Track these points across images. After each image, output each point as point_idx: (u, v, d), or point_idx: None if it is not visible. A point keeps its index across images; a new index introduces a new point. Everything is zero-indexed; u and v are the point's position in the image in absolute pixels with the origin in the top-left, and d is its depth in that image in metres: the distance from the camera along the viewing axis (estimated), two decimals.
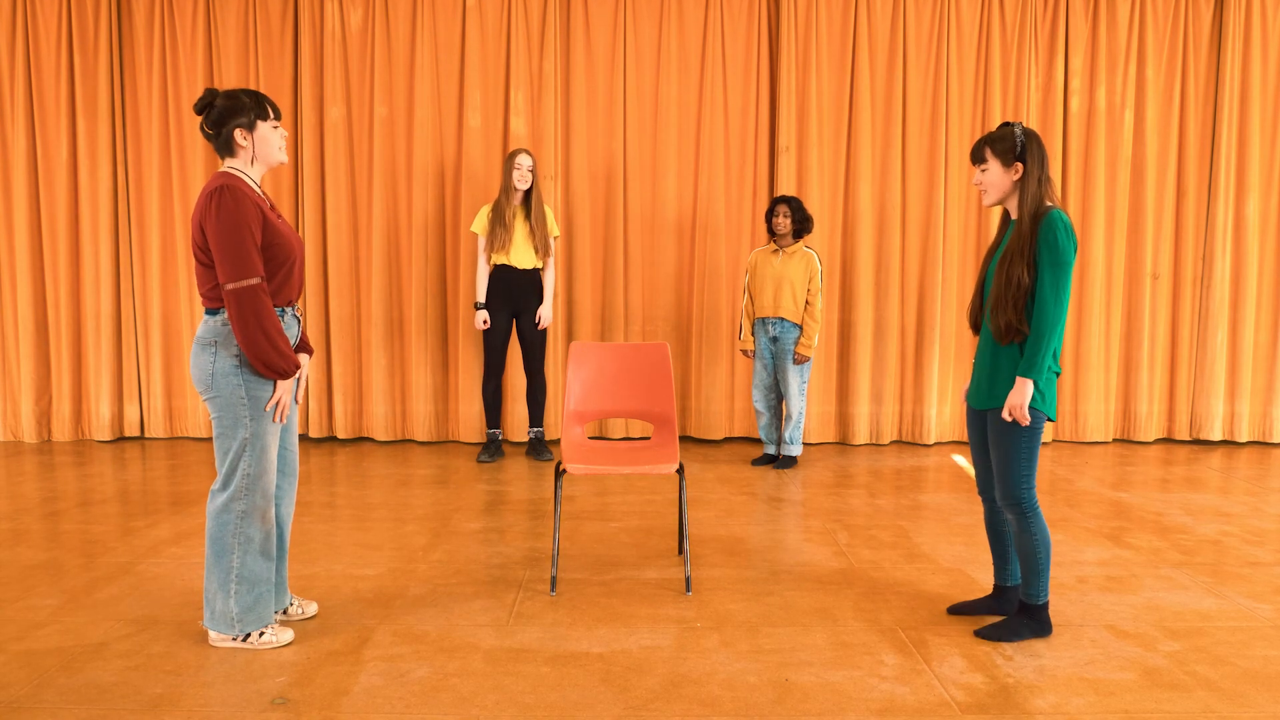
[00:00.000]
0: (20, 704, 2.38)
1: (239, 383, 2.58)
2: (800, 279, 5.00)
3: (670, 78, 5.69)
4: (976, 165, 2.79)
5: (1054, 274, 2.62)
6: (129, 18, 5.67)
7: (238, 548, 2.67)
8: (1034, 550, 2.79)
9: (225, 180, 2.54)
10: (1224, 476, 5.09)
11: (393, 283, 5.76)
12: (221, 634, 2.72)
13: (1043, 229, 2.65)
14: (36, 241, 5.74)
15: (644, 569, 3.47)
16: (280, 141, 2.67)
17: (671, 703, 2.42)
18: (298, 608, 2.95)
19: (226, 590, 2.68)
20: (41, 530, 3.91)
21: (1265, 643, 2.82)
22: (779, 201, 5.02)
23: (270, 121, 2.65)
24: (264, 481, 2.66)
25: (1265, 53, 5.75)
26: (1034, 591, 2.83)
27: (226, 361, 2.57)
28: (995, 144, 2.73)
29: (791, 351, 5.03)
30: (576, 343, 3.70)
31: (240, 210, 2.51)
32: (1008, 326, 2.69)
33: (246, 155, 2.64)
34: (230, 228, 2.49)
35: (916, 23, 5.68)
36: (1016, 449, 2.74)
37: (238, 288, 2.50)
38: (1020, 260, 2.66)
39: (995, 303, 2.71)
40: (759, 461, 5.27)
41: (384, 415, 5.78)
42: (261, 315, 2.52)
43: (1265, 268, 5.90)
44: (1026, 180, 2.70)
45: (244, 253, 2.50)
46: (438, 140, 5.70)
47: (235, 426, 2.61)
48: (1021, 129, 2.71)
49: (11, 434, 5.84)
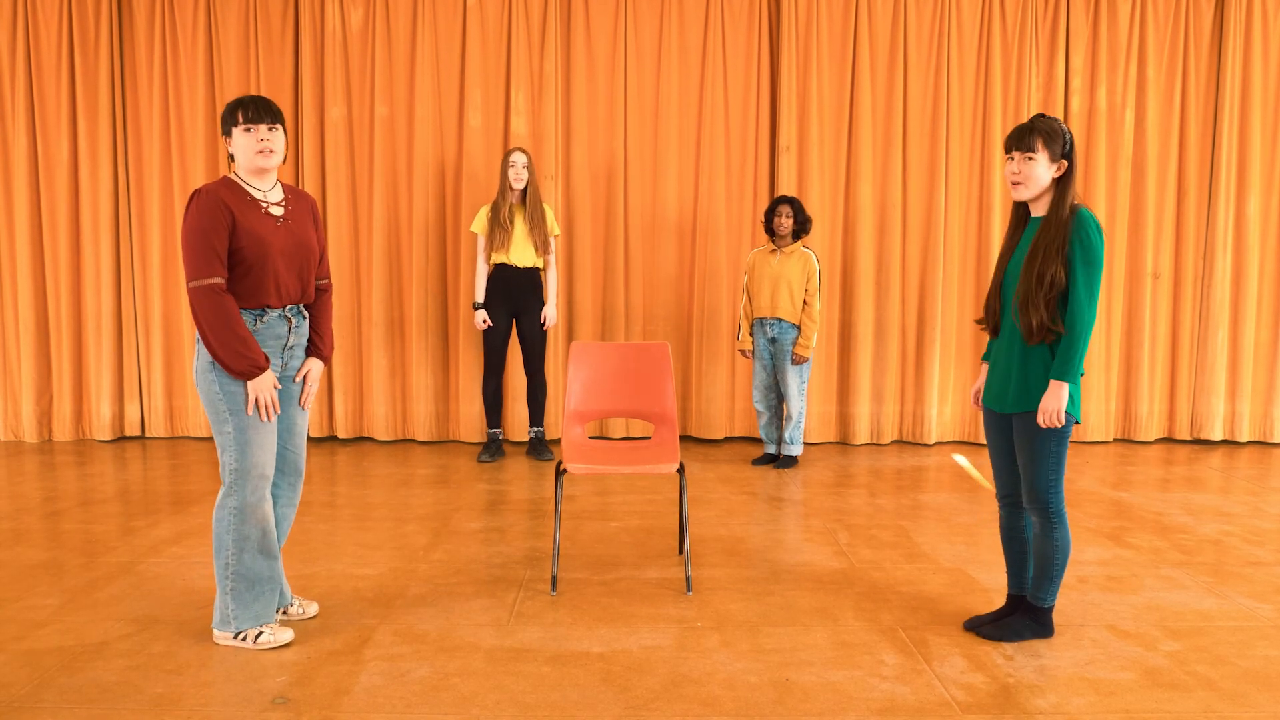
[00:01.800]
0: (20, 704, 2.38)
1: (212, 378, 2.64)
2: (798, 279, 5.00)
3: (671, 78, 5.69)
4: (1020, 154, 2.65)
5: (1088, 273, 2.58)
6: (129, 18, 5.67)
7: (232, 544, 2.69)
8: (1052, 556, 2.76)
9: (206, 186, 2.64)
10: (1225, 476, 5.09)
11: (393, 282, 5.76)
12: (221, 631, 2.73)
13: (1076, 227, 2.60)
14: (37, 241, 5.74)
15: (644, 569, 3.47)
16: (255, 144, 2.66)
17: (672, 703, 2.42)
18: (298, 608, 2.95)
19: (224, 586, 2.70)
20: (42, 530, 3.91)
21: (1265, 643, 2.82)
22: (780, 201, 5.02)
23: (241, 126, 2.65)
24: (253, 478, 2.68)
25: (1266, 52, 5.75)
26: (1043, 595, 2.81)
27: (203, 359, 2.65)
28: (1045, 133, 2.62)
29: (790, 352, 5.03)
30: (576, 343, 3.70)
31: (204, 214, 2.57)
32: (1039, 326, 2.62)
33: (237, 161, 2.72)
34: (191, 230, 2.58)
35: (917, 22, 5.68)
36: (1045, 453, 2.69)
37: (196, 286, 2.58)
38: (1055, 258, 2.59)
39: (1024, 302, 2.63)
40: (759, 461, 5.27)
41: (384, 415, 5.78)
42: (218, 315, 2.58)
43: (1266, 267, 5.89)
44: (1068, 178, 2.65)
45: (202, 254, 2.57)
46: (438, 140, 5.70)
47: (219, 423, 2.66)
48: (1063, 125, 2.65)
49: (12, 433, 5.84)
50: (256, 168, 2.69)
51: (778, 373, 5.11)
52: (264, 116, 2.66)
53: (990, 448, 2.90)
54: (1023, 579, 2.90)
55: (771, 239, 5.09)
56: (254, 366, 2.62)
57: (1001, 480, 2.89)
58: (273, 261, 2.68)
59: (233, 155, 2.71)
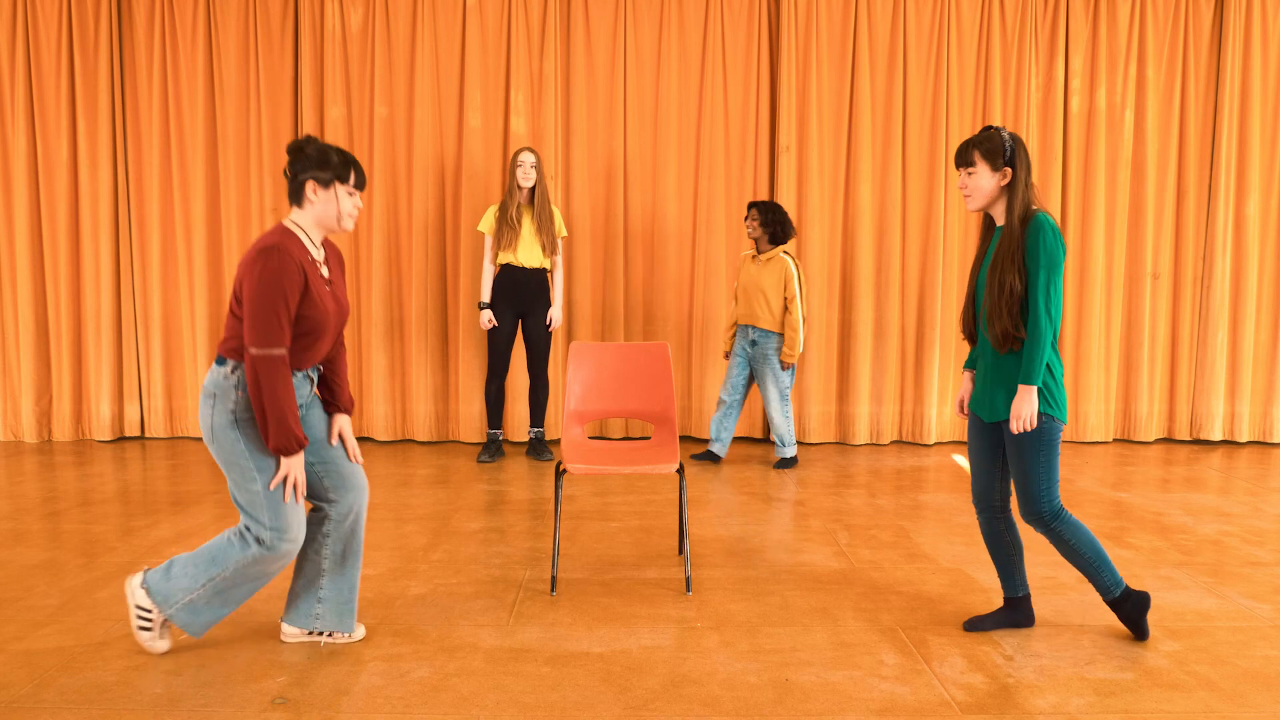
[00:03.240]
0: (20, 704, 2.38)
1: (236, 436, 2.51)
2: (774, 287, 4.95)
3: (670, 78, 5.69)
4: (962, 169, 2.72)
5: (1047, 277, 2.59)
6: (129, 18, 5.67)
7: (233, 573, 2.57)
8: (1080, 554, 2.74)
9: (278, 240, 2.46)
10: (1224, 476, 5.09)
11: (393, 282, 5.76)
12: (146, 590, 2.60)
13: (1031, 233, 2.61)
14: (37, 241, 5.74)
15: (644, 569, 3.47)
16: (351, 209, 2.58)
17: (671, 703, 2.42)
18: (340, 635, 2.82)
19: (195, 581, 2.57)
20: (42, 530, 3.91)
21: (1265, 643, 2.82)
22: (750, 206, 5.00)
23: (348, 187, 2.56)
24: (288, 539, 2.56)
25: (1265, 52, 5.75)
26: (1108, 588, 2.78)
27: (224, 415, 2.50)
28: (982, 146, 2.66)
29: (769, 359, 4.99)
30: (576, 343, 3.70)
31: (282, 276, 2.42)
32: (1004, 334, 2.64)
33: (312, 212, 2.57)
34: (266, 293, 2.41)
35: (917, 23, 5.68)
36: (1035, 461, 2.68)
37: (259, 355, 2.42)
38: (1011, 266, 2.62)
39: (990, 311, 2.66)
40: (699, 457, 5.25)
41: (384, 415, 5.79)
42: (278, 386, 2.44)
43: (1265, 268, 5.90)
44: (1015, 185, 2.65)
45: (274, 321, 2.42)
46: (438, 140, 5.70)
47: (244, 480, 2.52)
48: (1008, 133, 2.67)
49: (12, 434, 5.84)
50: (333, 228, 2.59)
51: (757, 378, 5.09)
52: (364, 183, 2.61)
53: (971, 451, 2.90)
54: (1015, 581, 2.89)
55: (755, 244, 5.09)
56: (297, 444, 2.50)
57: (979, 485, 2.88)
58: (327, 330, 2.58)
59: (303, 200, 2.55)
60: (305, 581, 2.75)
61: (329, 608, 2.75)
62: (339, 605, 2.75)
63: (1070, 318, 5.91)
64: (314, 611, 2.74)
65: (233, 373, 2.51)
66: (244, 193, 5.75)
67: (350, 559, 2.76)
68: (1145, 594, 2.81)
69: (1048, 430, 2.67)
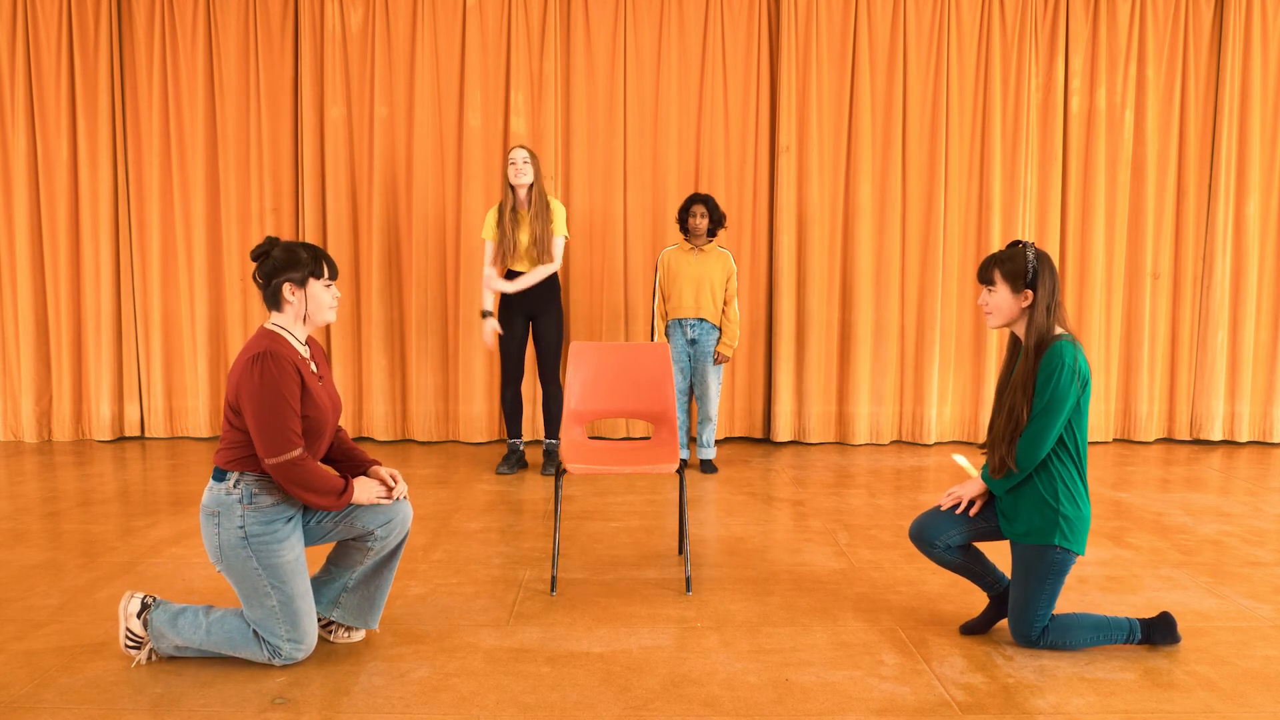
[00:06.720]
0: (20, 704, 2.38)
1: (248, 554, 2.46)
2: (719, 280, 4.94)
3: (670, 78, 5.69)
4: (984, 285, 2.61)
5: (1046, 414, 2.50)
6: (129, 18, 5.67)
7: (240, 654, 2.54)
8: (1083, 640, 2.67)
9: (268, 345, 2.42)
10: (1224, 477, 5.09)
11: (393, 282, 5.76)
12: (143, 629, 2.56)
13: (1044, 365, 2.51)
14: (37, 241, 5.74)
15: (644, 569, 3.47)
16: (331, 301, 2.55)
17: (671, 703, 2.42)
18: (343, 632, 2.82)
19: (199, 642, 2.54)
20: (41, 530, 3.91)
21: (1265, 643, 2.82)
22: (695, 200, 4.93)
23: (323, 280, 2.53)
24: (304, 648, 2.55)
25: (1265, 52, 5.75)
26: (1128, 639, 2.70)
27: (232, 534, 2.45)
28: (1004, 265, 2.57)
29: (711, 354, 4.98)
30: (576, 343, 3.70)
31: (279, 381, 2.39)
32: (1002, 464, 2.58)
33: (293, 312, 2.52)
34: (269, 399, 2.37)
35: (917, 23, 5.68)
36: (1039, 587, 2.62)
37: (278, 463, 2.40)
38: (1021, 394, 2.53)
39: (994, 437, 2.58)
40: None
41: (384, 415, 5.79)
42: (310, 480, 2.44)
43: (1265, 268, 5.90)
44: (1035, 308, 2.54)
45: (283, 427, 2.39)
46: (438, 140, 5.70)
47: (258, 595, 2.49)
48: (1034, 251, 2.55)
49: (12, 434, 5.84)
50: (317, 323, 2.56)
51: (695, 375, 5.05)
52: (336, 272, 2.59)
53: (964, 511, 2.76)
54: (990, 578, 2.82)
55: (687, 238, 5.04)
56: (348, 493, 2.51)
57: (932, 523, 2.76)
58: (326, 427, 2.56)
59: (281, 302, 2.50)
60: (342, 567, 2.72)
61: (354, 598, 2.73)
62: (364, 599, 2.73)
63: (1070, 318, 5.91)
64: (338, 599, 2.73)
65: (235, 486, 2.47)
66: (244, 193, 5.75)
67: (390, 562, 2.76)
68: (1164, 615, 2.74)
69: (1060, 561, 2.60)
